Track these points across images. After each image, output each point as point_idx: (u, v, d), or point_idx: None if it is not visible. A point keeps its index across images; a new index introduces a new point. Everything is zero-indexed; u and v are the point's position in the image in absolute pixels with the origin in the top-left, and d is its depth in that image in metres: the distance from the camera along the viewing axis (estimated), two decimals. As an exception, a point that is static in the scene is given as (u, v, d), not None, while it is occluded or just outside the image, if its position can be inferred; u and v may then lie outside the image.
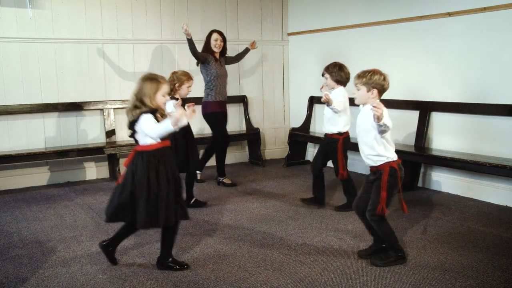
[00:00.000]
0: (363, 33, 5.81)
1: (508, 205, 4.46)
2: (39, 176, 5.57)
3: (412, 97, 5.29)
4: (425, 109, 5.13)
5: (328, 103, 4.01)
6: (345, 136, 4.30)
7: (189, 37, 5.04)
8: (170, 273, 3.10)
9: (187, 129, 4.37)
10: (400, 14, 5.32)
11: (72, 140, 5.70)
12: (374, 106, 2.88)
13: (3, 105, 5.31)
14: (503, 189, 4.50)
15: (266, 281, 2.97)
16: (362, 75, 3.10)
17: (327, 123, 4.34)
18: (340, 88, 4.27)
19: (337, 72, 4.23)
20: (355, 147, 5.53)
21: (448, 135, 4.96)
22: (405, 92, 5.36)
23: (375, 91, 3.07)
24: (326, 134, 4.40)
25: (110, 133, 5.84)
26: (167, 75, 5.99)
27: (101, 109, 5.84)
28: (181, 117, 2.83)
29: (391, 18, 5.43)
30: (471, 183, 4.77)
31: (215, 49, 5.23)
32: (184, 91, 4.35)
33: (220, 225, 4.07)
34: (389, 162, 3.09)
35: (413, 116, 5.24)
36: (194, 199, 4.58)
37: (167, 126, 2.87)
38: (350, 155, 6.05)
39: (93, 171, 5.89)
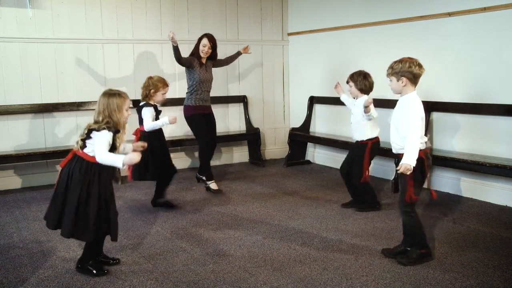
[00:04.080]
0: (363, 33, 5.81)
1: (508, 205, 4.46)
2: (39, 176, 5.56)
3: (412, 97, 5.28)
4: (425, 109, 5.09)
5: (366, 109, 4.06)
6: (374, 141, 4.31)
7: (175, 45, 4.85)
8: (170, 273, 3.10)
9: (160, 134, 4.40)
10: (400, 14, 5.32)
11: (72, 140, 5.69)
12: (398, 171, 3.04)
13: (3, 105, 5.31)
14: (503, 189, 4.50)
15: (266, 281, 2.97)
16: (390, 67, 3.19)
17: (355, 130, 4.37)
18: (364, 96, 4.26)
19: (362, 81, 4.24)
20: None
21: (449, 135, 4.96)
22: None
23: (404, 79, 3.13)
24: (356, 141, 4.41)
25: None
26: (167, 75, 6.04)
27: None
28: (135, 162, 2.92)
29: (391, 18, 5.42)
30: (471, 183, 4.77)
31: (201, 54, 5.07)
32: (158, 97, 4.31)
33: (220, 225, 4.07)
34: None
35: (413, 116, 5.23)
36: (164, 200, 4.60)
37: (117, 162, 2.92)
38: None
39: (93, 171, 5.88)
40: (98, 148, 2.92)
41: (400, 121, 3.16)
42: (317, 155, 6.72)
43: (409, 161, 2.99)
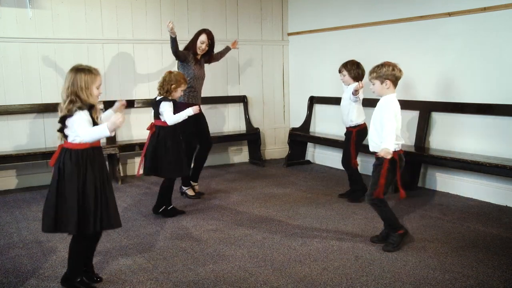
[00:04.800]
0: (363, 33, 5.81)
1: (508, 205, 4.46)
2: (39, 176, 5.56)
3: (412, 97, 5.28)
4: (425, 109, 5.13)
5: (355, 92, 4.33)
6: (358, 129, 4.57)
7: (173, 36, 4.69)
8: (170, 273, 3.10)
9: (175, 131, 4.20)
10: (400, 14, 5.32)
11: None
12: (378, 155, 3.30)
13: (3, 105, 5.31)
14: (503, 189, 4.50)
15: (266, 281, 2.97)
16: (372, 70, 3.42)
17: (343, 114, 4.67)
18: (356, 83, 4.48)
19: (355, 70, 4.52)
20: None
21: (448, 135, 4.96)
22: (405, 92, 5.36)
23: (388, 82, 3.37)
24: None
25: (110, 133, 5.83)
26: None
27: (101, 109, 5.82)
28: (120, 123, 2.63)
29: (391, 18, 5.43)
30: (471, 183, 4.77)
31: (198, 51, 4.88)
32: (178, 93, 4.18)
33: (220, 225, 4.07)
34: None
35: (413, 116, 5.24)
36: (171, 206, 4.36)
37: (103, 131, 2.64)
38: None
39: (93, 171, 5.88)
40: (80, 130, 2.66)
41: (380, 119, 3.36)
42: (317, 155, 6.72)
43: (387, 146, 3.23)
